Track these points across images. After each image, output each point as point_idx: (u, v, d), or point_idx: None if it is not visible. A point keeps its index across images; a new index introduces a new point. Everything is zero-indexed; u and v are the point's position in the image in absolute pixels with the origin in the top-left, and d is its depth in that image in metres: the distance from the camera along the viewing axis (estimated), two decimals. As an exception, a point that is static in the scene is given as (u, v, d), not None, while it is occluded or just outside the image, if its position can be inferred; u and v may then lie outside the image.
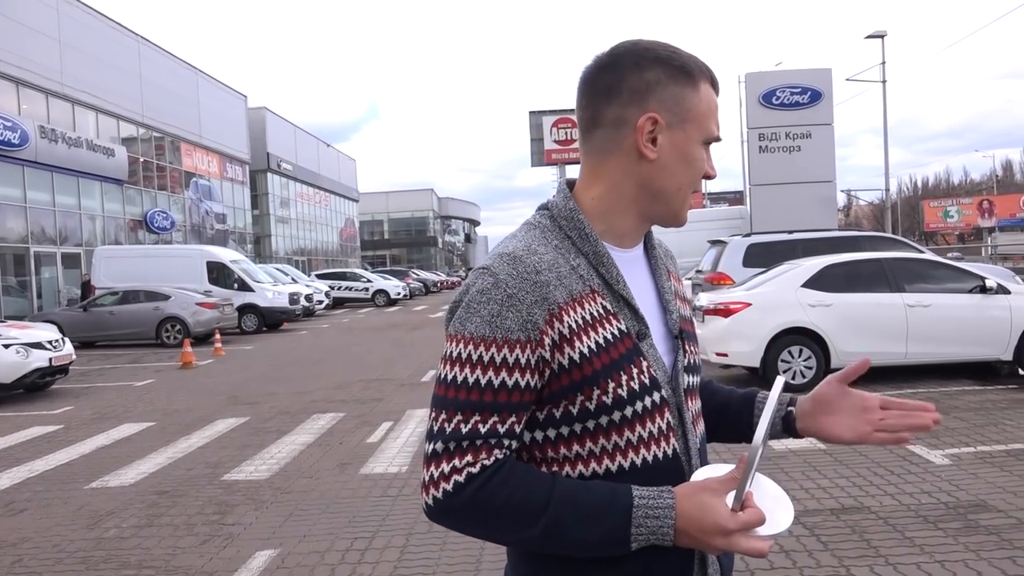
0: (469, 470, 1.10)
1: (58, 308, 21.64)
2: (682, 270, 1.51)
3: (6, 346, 10.56)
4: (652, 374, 1.19)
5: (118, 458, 7.08)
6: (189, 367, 13.84)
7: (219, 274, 22.19)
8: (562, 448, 1.18)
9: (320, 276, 35.42)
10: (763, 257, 12.21)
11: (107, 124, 28.16)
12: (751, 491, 1.10)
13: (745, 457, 1.07)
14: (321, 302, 28.41)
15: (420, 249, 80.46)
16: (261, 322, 21.86)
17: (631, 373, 1.16)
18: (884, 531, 4.36)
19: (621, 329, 1.18)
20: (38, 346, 10.96)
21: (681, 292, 1.37)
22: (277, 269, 29.61)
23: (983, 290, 8.87)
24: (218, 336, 17.17)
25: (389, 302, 33.68)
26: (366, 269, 44.67)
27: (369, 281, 35.22)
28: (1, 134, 21.58)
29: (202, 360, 14.84)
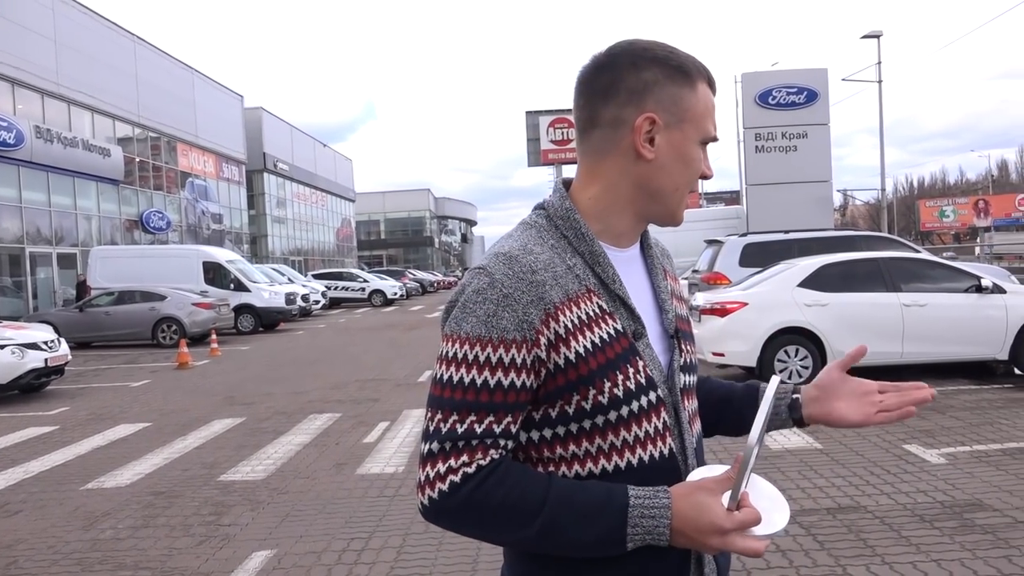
0: (465, 470, 1.10)
1: (54, 308, 21.59)
2: (679, 270, 1.51)
3: (1, 347, 10.53)
4: (648, 374, 1.18)
5: (114, 459, 7.06)
6: (185, 367, 13.82)
7: (215, 274, 22.16)
8: (558, 448, 1.18)
9: (316, 276, 35.40)
10: (759, 257, 12.22)
11: (103, 124, 28.11)
12: (747, 491, 1.10)
13: (741, 457, 1.07)
14: (317, 302, 28.39)
15: (416, 249, 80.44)
16: (257, 322, 21.83)
17: (627, 373, 1.16)
18: (880, 530, 4.37)
19: (617, 329, 1.18)
20: (34, 347, 10.93)
21: (678, 291, 1.37)
22: (273, 269, 29.56)
23: (979, 289, 8.89)
24: (214, 336, 17.14)
25: (386, 302, 33.66)
26: (362, 269, 44.67)
27: (365, 281, 35.21)
28: (-4, 134, 21.54)
29: (198, 360, 14.81)
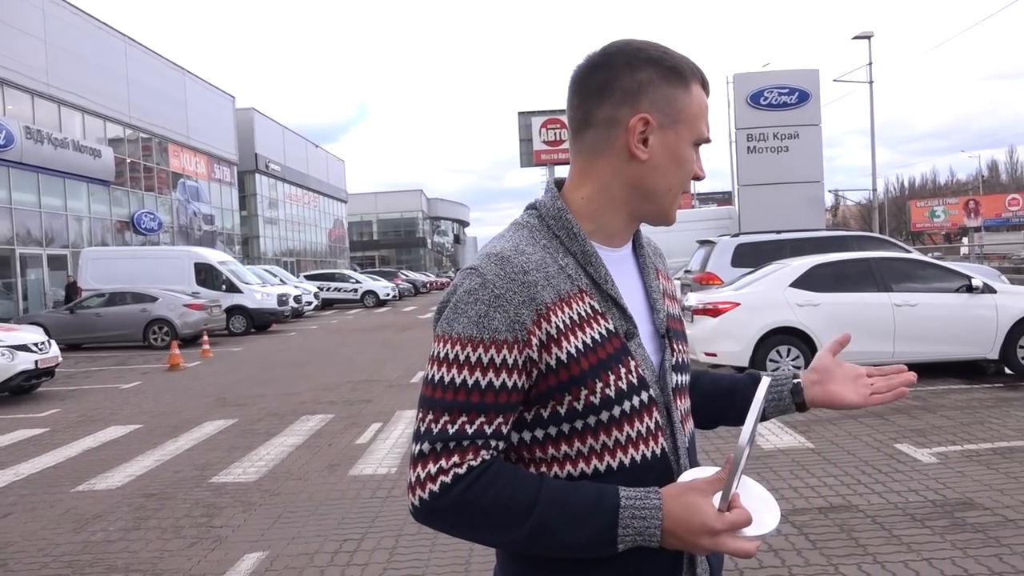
0: (456, 471, 1.10)
1: (44, 310, 21.48)
2: (671, 270, 1.51)
3: (-9, 348, 10.48)
4: (640, 373, 1.18)
5: (105, 461, 7.03)
6: (177, 369, 13.76)
7: (207, 275, 22.08)
8: (550, 448, 1.18)
9: (309, 277, 35.34)
10: (751, 257, 12.25)
11: (94, 125, 27.98)
12: (738, 492, 1.10)
13: (732, 458, 1.07)
14: (310, 303, 28.34)
15: (409, 250, 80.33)
16: (249, 324, 21.76)
17: (619, 373, 1.16)
18: (872, 529, 4.38)
19: (609, 329, 1.18)
20: (24, 348, 10.87)
21: (670, 291, 1.36)
22: (265, 270, 29.46)
23: (969, 289, 8.94)
24: (206, 338, 17.06)
25: (378, 303, 33.61)
26: (355, 270, 44.55)
27: (358, 282, 35.15)
28: (-14, 135, 21.43)
29: (190, 362, 14.76)
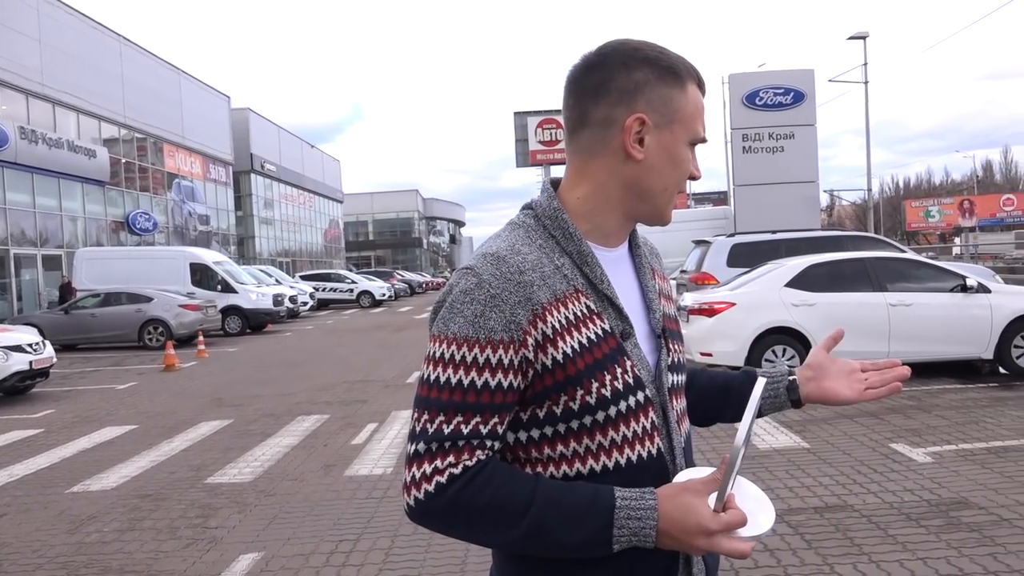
0: (451, 471, 1.10)
1: (39, 311, 21.43)
2: (667, 270, 1.51)
3: (-15, 349, 10.44)
4: (636, 373, 1.18)
5: (100, 462, 7.01)
6: (172, 369, 13.73)
7: (202, 276, 22.04)
8: (546, 448, 1.17)
9: (304, 277, 35.30)
10: (747, 257, 12.27)
11: (88, 125, 27.91)
12: (733, 492, 1.10)
13: (727, 459, 1.07)
14: (305, 304, 28.30)
15: (405, 250, 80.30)
16: (245, 324, 21.72)
17: (615, 373, 1.16)
18: (867, 529, 4.39)
19: (605, 329, 1.18)
20: (18, 349, 10.83)
21: (666, 290, 1.37)
22: (261, 270, 29.44)
23: (964, 289, 8.96)
24: (201, 338, 17.04)
25: (374, 303, 33.58)
26: (351, 270, 44.57)
27: (354, 282, 35.13)
28: (-20, 135, 21.36)
29: (185, 362, 14.73)
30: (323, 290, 33.20)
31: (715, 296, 9.57)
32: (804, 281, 9.09)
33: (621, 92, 1.19)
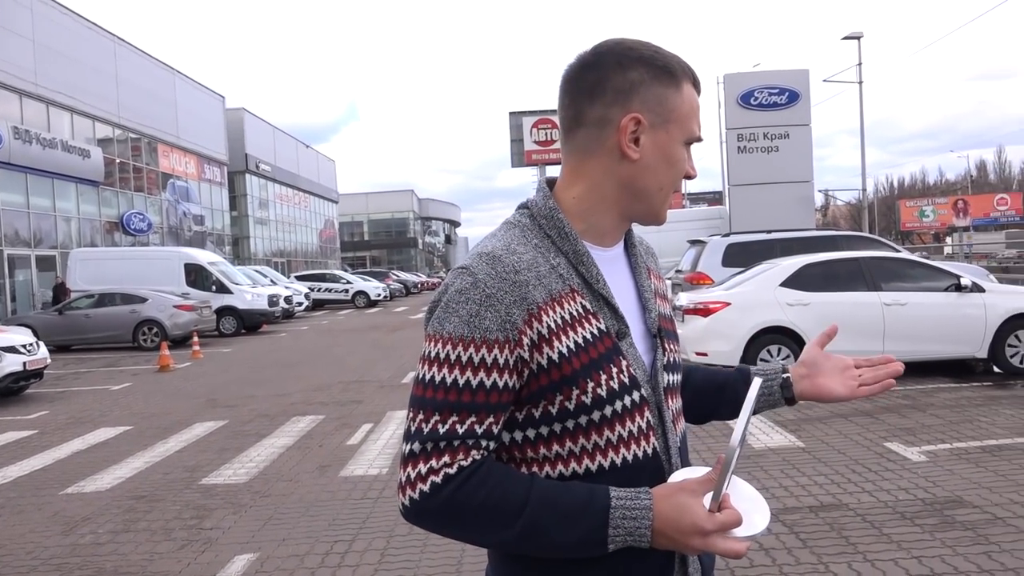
0: (446, 471, 1.09)
1: (32, 311, 21.35)
2: (662, 270, 1.51)
3: (-21, 350, 10.40)
4: (631, 373, 1.18)
5: (94, 463, 6.99)
6: (167, 370, 13.70)
7: (197, 276, 21.99)
8: (541, 448, 1.17)
9: (299, 278, 35.28)
10: (742, 257, 12.30)
11: (82, 125, 27.83)
12: (728, 492, 1.10)
13: (723, 459, 1.07)
14: (300, 304, 28.26)
15: (400, 250, 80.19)
16: (240, 324, 21.68)
17: (610, 372, 1.16)
18: (862, 528, 4.40)
19: (600, 328, 1.18)
20: (12, 350, 10.80)
21: (662, 290, 1.36)
22: (256, 271, 29.39)
23: (958, 288, 8.99)
24: (196, 339, 16.98)
25: (369, 303, 33.56)
26: (346, 270, 44.48)
27: (349, 283, 35.09)
28: (-27, 135, 21.28)
29: (180, 363, 14.70)
30: (318, 290, 33.17)
31: (710, 296, 9.58)
32: (799, 281, 9.11)
33: (616, 92, 1.19)
